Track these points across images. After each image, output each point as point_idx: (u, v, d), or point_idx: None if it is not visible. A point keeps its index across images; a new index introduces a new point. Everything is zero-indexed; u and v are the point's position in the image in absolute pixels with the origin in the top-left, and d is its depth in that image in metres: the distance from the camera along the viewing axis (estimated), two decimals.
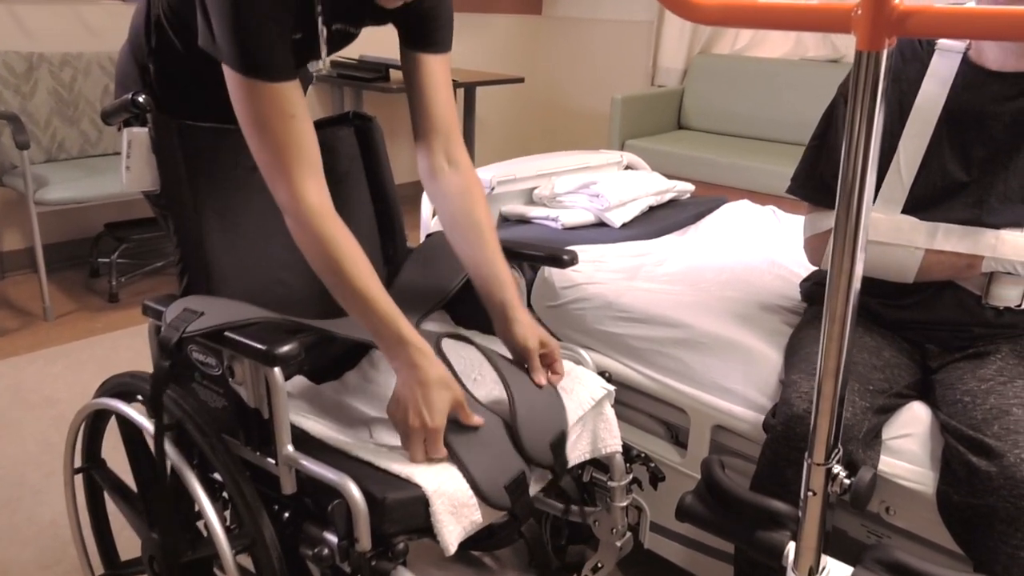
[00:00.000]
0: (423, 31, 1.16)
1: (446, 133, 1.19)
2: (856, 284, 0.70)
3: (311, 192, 1.02)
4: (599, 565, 1.33)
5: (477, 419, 1.02)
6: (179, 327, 0.99)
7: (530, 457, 1.04)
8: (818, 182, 1.23)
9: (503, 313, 1.14)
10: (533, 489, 1.07)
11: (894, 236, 1.14)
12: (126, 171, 1.12)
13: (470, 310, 1.30)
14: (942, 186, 1.14)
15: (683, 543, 1.41)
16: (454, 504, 0.95)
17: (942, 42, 1.14)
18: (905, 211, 1.15)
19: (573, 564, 1.46)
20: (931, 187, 1.14)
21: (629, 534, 1.28)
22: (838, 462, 0.79)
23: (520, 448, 1.04)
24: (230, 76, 1.00)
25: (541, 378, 1.11)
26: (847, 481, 0.79)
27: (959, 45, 1.12)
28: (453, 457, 0.98)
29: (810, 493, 0.80)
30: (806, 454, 0.79)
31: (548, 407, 1.10)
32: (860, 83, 0.62)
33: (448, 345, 1.21)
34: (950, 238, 1.12)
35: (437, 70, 1.18)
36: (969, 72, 1.11)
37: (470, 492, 0.96)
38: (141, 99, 1.10)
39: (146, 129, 1.11)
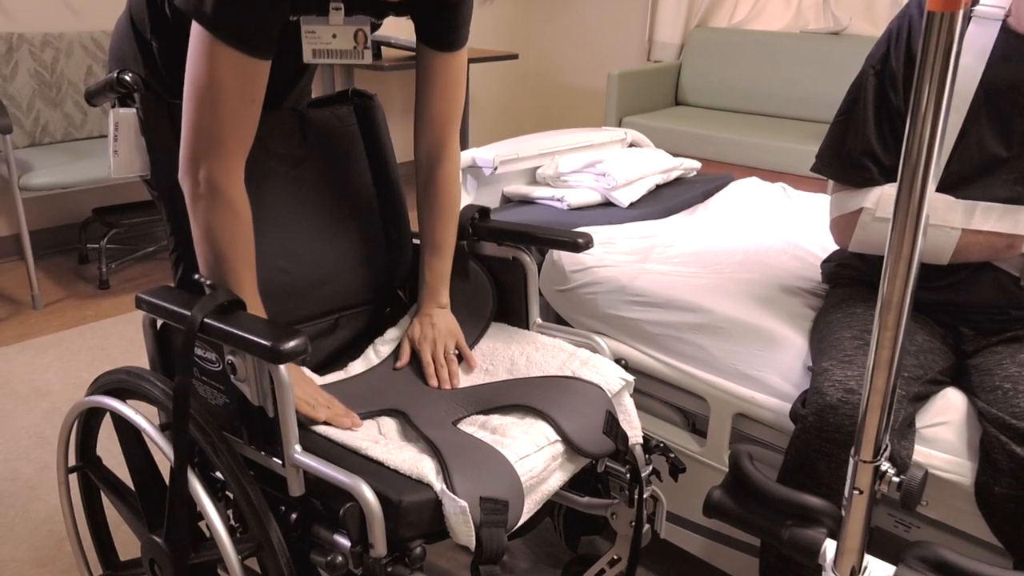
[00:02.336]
0: (439, 29, 1.14)
1: (437, 134, 1.22)
2: (915, 270, 0.64)
3: (240, 173, 1.00)
4: (616, 558, 1.29)
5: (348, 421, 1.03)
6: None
7: (589, 452, 1.04)
8: (845, 160, 1.18)
9: (428, 302, 1.22)
10: (563, 477, 1.03)
11: (929, 216, 1.09)
12: (114, 155, 1.05)
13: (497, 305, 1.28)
14: (980, 163, 1.08)
15: (701, 533, 1.37)
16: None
17: (979, 9, 1.07)
18: (940, 189, 1.09)
19: (585, 556, 1.42)
20: (968, 164, 1.08)
21: (648, 525, 1.24)
22: (886, 458, 0.75)
23: (576, 448, 1.03)
24: (197, 35, 0.92)
25: (433, 381, 1.15)
26: (896, 479, 0.74)
27: (998, 12, 1.06)
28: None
29: (856, 492, 0.75)
30: (852, 450, 0.74)
31: (585, 400, 1.08)
32: (931, 48, 0.56)
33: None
34: (989, 217, 1.06)
35: (452, 67, 1.18)
36: (1009, 41, 1.05)
37: None
38: (128, 77, 1.03)
39: (134, 110, 1.04)
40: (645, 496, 1.19)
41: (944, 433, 1.06)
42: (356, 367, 1.23)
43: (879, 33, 1.18)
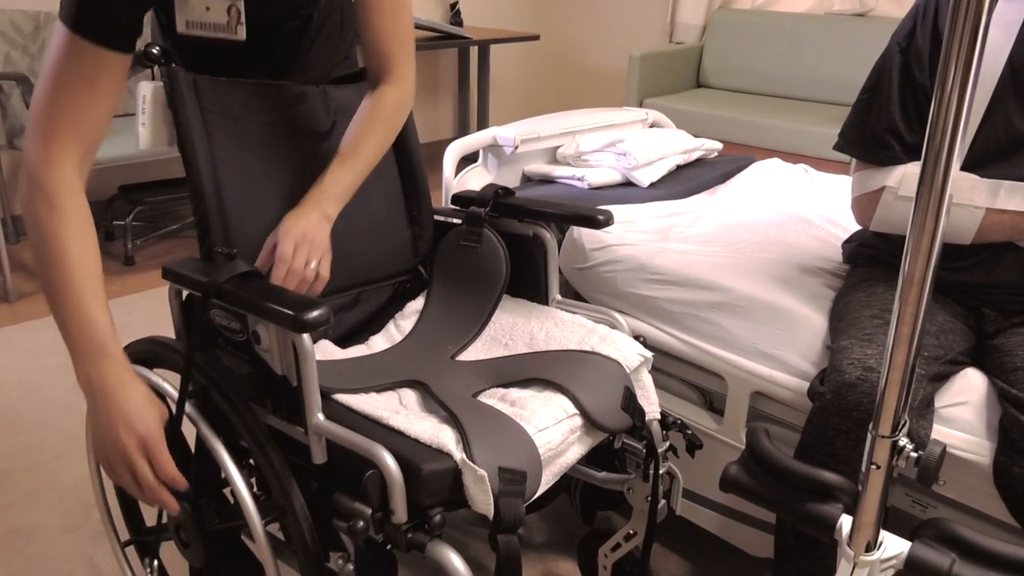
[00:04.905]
0: None
1: (381, 52, 1.14)
2: (937, 247, 0.64)
3: (70, 165, 0.93)
4: (632, 532, 1.31)
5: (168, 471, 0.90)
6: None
7: (607, 427, 1.05)
8: (868, 138, 1.17)
9: (310, 202, 1.08)
10: (580, 450, 1.04)
11: (952, 195, 1.08)
12: (141, 128, 1.07)
13: (516, 280, 1.28)
14: (1006, 141, 1.07)
15: (717, 510, 1.38)
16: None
17: None
18: (965, 168, 1.08)
19: (601, 531, 1.43)
20: (993, 142, 1.07)
21: (664, 501, 1.25)
22: (904, 435, 0.75)
23: (594, 422, 1.04)
24: (58, 26, 0.91)
25: (277, 280, 1.01)
26: (914, 455, 0.74)
27: None
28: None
29: (873, 466, 0.76)
30: (870, 425, 0.74)
31: (603, 375, 1.09)
32: (959, 25, 0.56)
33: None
34: (1014, 196, 1.05)
35: None
36: None
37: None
38: (155, 51, 1.04)
39: (161, 83, 1.06)
40: (661, 472, 1.21)
41: (963, 413, 1.06)
42: (378, 343, 1.25)
43: (905, 14, 1.17)
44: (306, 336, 0.90)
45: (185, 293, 1.09)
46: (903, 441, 0.75)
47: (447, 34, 3.61)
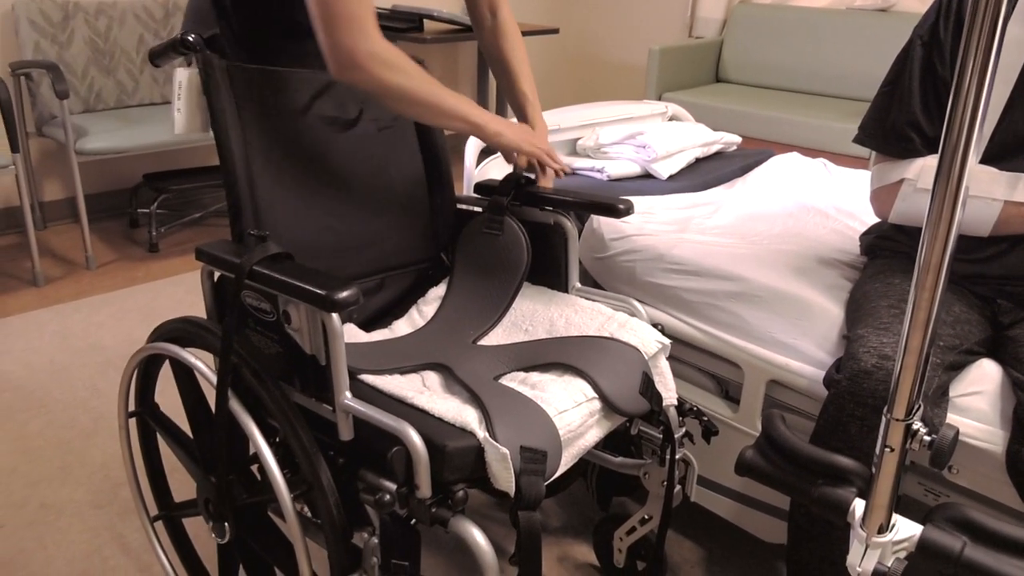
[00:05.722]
0: None
1: None
2: (953, 237, 0.66)
3: (382, 39, 1.07)
4: (647, 517, 1.33)
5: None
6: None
7: (625, 411, 1.08)
8: (888, 131, 1.18)
9: (534, 116, 1.37)
10: (599, 433, 1.07)
11: (970, 187, 1.09)
12: (177, 113, 1.11)
13: (536, 267, 1.30)
14: None
15: (731, 497, 1.40)
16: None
17: None
18: (984, 161, 1.09)
19: (616, 515, 1.46)
20: (1013, 135, 1.08)
21: (679, 487, 1.27)
22: (918, 419, 0.77)
23: (613, 406, 1.06)
24: None
25: (547, 182, 1.31)
26: (927, 438, 0.76)
27: None
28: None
29: (887, 449, 0.78)
30: (885, 409, 0.76)
31: (622, 360, 1.11)
32: (979, 17, 0.57)
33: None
34: None
35: None
36: None
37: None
38: (191, 38, 1.08)
39: (197, 70, 1.09)
40: (676, 458, 1.23)
41: (977, 403, 1.07)
42: (401, 327, 1.28)
43: (927, 9, 1.18)
44: (335, 316, 0.93)
45: (217, 274, 1.13)
46: (917, 424, 0.76)
47: (467, 27, 3.63)
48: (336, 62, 1.05)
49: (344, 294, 0.90)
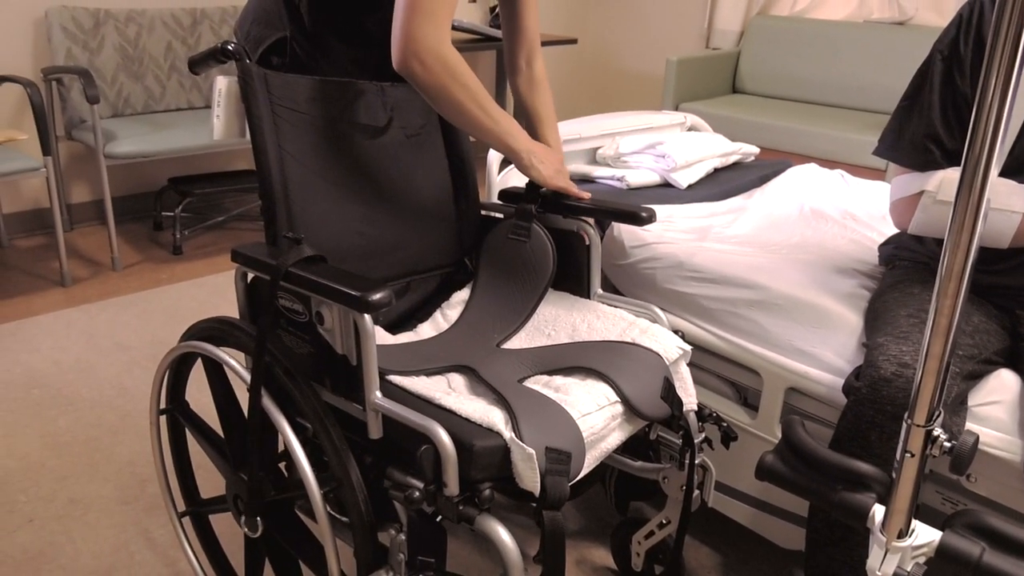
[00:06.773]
0: None
1: (531, 42, 1.39)
2: (975, 248, 0.68)
3: (451, 45, 1.11)
4: (665, 521, 1.35)
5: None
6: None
7: (646, 415, 1.10)
8: (908, 143, 1.20)
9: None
10: (620, 436, 1.09)
11: (990, 199, 1.11)
12: (216, 120, 1.14)
13: (558, 273, 1.33)
14: None
15: (749, 503, 1.42)
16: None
17: None
18: (1004, 174, 1.11)
19: (634, 519, 1.48)
20: None
21: (697, 492, 1.29)
22: (939, 425, 0.78)
23: (635, 410, 1.08)
24: None
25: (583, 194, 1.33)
26: (947, 444, 0.78)
27: None
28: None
29: (908, 455, 0.79)
30: (905, 415, 0.78)
31: (643, 365, 1.13)
32: (1002, 32, 0.60)
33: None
34: None
35: None
36: None
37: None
38: (231, 47, 1.11)
39: (236, 78, 1.13)
40: (695, 463, 1.25)
41: (996, 412, 1.09)
42: (426, 330, 1.31)
43: (946, 23, 1.20)
44: (367, 317, 0.96)
45: (250, 276, 1.16)
46: (937, 430, 0.78)
47: (487, 36, 3.67)
48: (403, 50, 1.08)
49: (378, 296, 0.93)
